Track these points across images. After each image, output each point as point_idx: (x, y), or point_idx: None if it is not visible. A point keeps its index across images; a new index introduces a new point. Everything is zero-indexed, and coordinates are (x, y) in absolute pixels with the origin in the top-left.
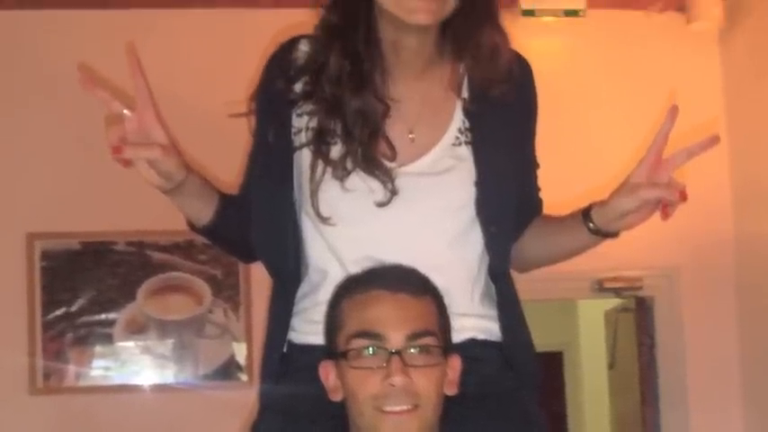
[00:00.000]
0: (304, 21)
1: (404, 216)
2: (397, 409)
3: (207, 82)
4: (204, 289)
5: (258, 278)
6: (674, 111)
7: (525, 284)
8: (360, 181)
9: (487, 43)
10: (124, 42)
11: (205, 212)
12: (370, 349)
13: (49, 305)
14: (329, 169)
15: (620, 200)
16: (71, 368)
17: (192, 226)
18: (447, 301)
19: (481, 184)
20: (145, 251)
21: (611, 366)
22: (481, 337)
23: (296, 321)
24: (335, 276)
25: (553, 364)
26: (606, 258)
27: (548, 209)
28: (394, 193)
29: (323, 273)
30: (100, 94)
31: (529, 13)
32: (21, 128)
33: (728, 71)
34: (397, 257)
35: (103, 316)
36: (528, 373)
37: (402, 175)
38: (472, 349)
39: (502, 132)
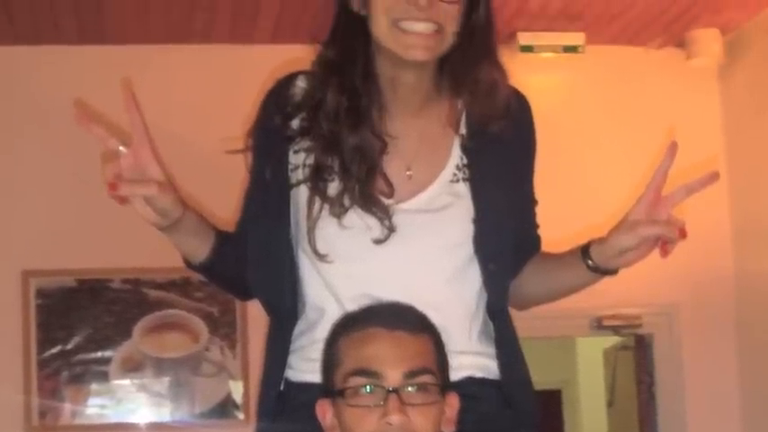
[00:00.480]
0: (301, 57)
1: (401, 253)
2: None
3: (203, 118)
4: (200, 327)
5: (255, 316)
6: (673, 147)
7: (523, 322)
8: (357, 218)
9: (486, 79)
10: (120, 78)
11: (201, 249)
12: (368, 387)
13: (44, 343)
14: (326, 206)
15: (620, 237)
16: (67, 406)
17: (188, 263)
18: (445, 338)
19: (479, 221)
20: (141, 288)
21: (610, 404)
22: (479, 375)
23: (293, 359)
24: (333, 314)
25: (552, 403)
26: (605, 296)
27: (546, 246)
28: (391, 230)
29: (320, 310)
30: (95, 130)
31: (527, 49)
32: (16, 164)
33: (728, 107)
34: (394, 295)
35: (99, 354)
36: (526, 411)
37: (399, 212)
38: (470, 387)
39: (500, 169)
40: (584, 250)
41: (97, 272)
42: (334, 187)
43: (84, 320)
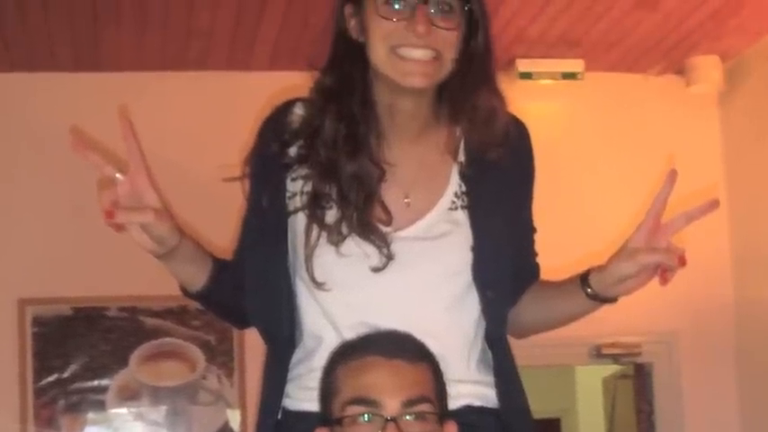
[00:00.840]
0: (299, 84)
1: (399, 281)
2: None
3: (200, 145)
4: (198, 355)
5: (252, 344)
6: (672, 175)
7: (522, 350)
8: (355, 246)
9: (484, 106)
10: (116, 105)
11: (198, 277)
12: (366, 416)
13: (40, 371)
14: (324, 234)
15: (619, 265)
16: None
17: (185, 291)
18: (443, 367)
19: (478, 248)
20: (137, 317)
21: None
22: (477, 403)
23: (290, 388)
24: (330, 342)
25: (551, 431)
26: (604, 324)
27: (545, 274)
28: (389, 258)
29: (318, 339)
30: (92, 157)
31: (526, 76)
32: (12, 192)
33: (728, 135)
34: (392, 323)
35: (96, 382)
36: None
37: (398, 239)
38: (468, 416)
39: (498, 196)
40: (584, 278)
41: (94, 300)
42: (331, 215)
43: (80, 349)
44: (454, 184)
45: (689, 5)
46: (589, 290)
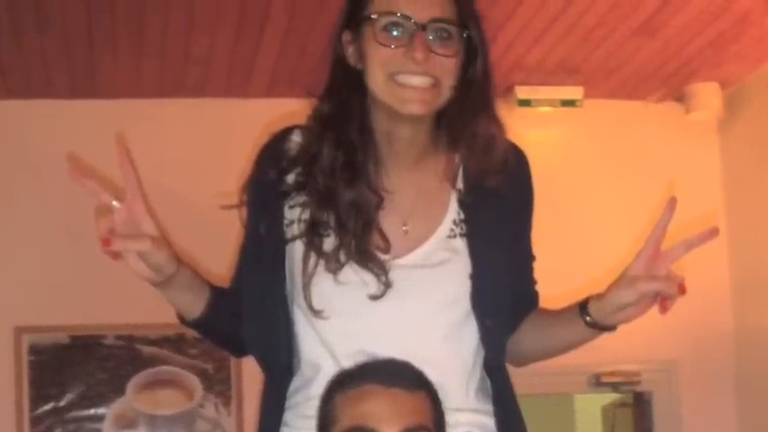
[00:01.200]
0: (296, 111)
1: (398, 309)
2: None
3: (197, 172)
4: (195, 383)
5: (250, 372)
6: (672, 202)
7: (521, 378)
8: (353, 274)
9: (483, 133)
10: (113, 132)
11: (196, 305)
12: None
13: (37, 400)
14: (322, 262)
15: (618, 293)
16: None
17: (182, 319)
18: (441, 395)
19: (476, 276)
20: (134, 345)
21: None
22: None
23: (288, 416)
24: (328, 371)
25: None
26: (603, 352)
27: (544, 302)
28: (388, 286)
29: (315, 367)
30: (88, 185)
31: (525, 103)
32: (8, 219)
33: (728, 162)
34: (390, 351)
35: (92, 411)
36: None
37: (396, 267)
38: None
39: (497, 224)
40: (583, 306)
41: (90, 328)
42: (329, 242)
43: (77, 377)
44: (453, 211)
45: (689, 32)
46: (588, 318)
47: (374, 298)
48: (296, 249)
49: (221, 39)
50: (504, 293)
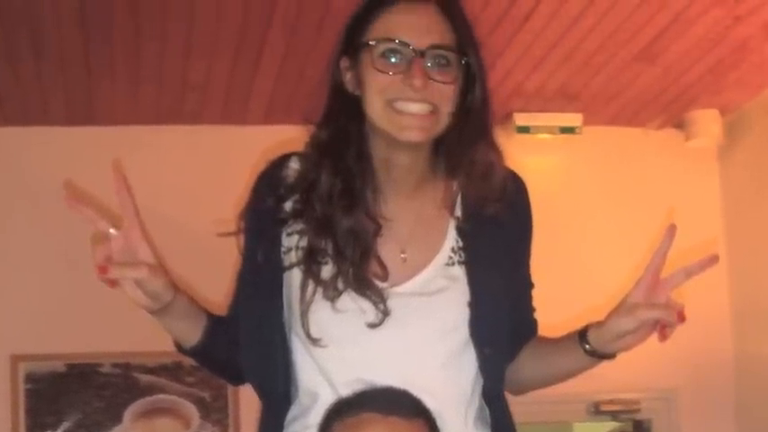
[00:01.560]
0: (294, 138)
1: (396, 337)
2: None
3: (195, 200)
4: (192, 412)
5: (247, 400)
6: (672, 230)
7: (520, 407)
8: (351, 301)
9: (482, 161)
10: (110, 159)
11: (193, 333)
12: None
13: (33, 428)
14: (320, 289)
15: (618, 321)
16: None
17: (179, 347)
18: (440, 423)
19: (475, 304)
20: (131, 373)
21: None
22: None
23: None
24: (326, 399)
25: None
26: (603, 380)
27: (543, 330)
28: (386, 313)
29: (313, 395)
30: (85, 212)
31: (524, 130)
32: (5, 246)
33: (728, 189)
34: (388, 379)
35: None
36: None
37: (394, 295)
38: None
39: (496, 252)
40: (582, 334)
41: (87, 356)
42: (327, 270)
43: (73, 405)
44: (451, 239)
45: (688, 59)
46: (587, 346)
47: (372, 326)
48: (293, 277)
49: (218, 65)
50: (502, 321)
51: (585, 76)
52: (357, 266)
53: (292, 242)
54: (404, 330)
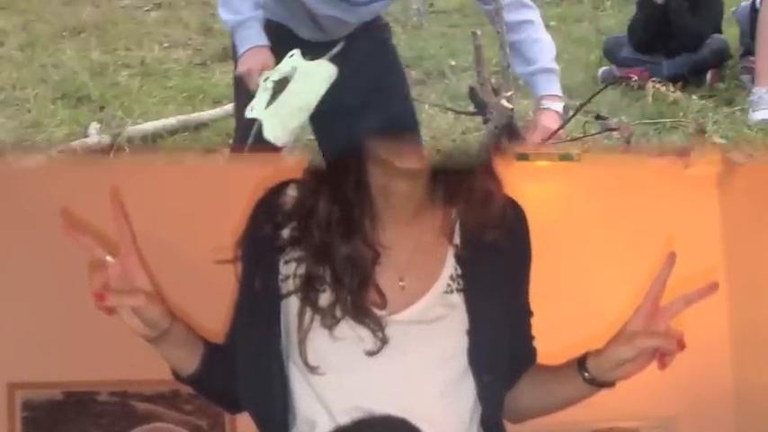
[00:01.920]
0: (292, 165)
1: (394, 365)
2: None
3: (192, 227)
4: None
5: (245, 428)
6: (671, 257)
7: None
8: (349, 329)
9: (480, 188)
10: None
11: (190, 361)
12: None
13: None
14: (317, 317)
15: (617, 349)
16: None
17: (176, 375)
18: None
19: (474, 332)
20: (128, 401)
21: None
22: None
23: None
24: (324, 427)
25: None
26: (602, 408)
27: (542, 358)
28: (384, 341)
29: (311, 423)
30: (82, 240)
31: (523, 157)
32: (0, 274)
33: (727, 216)
34: (387, 408)
35: None
36: None
37: (392, 323)
38: None
39: (495, 279)
40: (581, 362)
41: (84, 384)
42: (325, 298)
43: None
44: (450, 266)
45: None
46: (586, 374)
47: (370, 354)
48: (291, 305)
49: None
50: (501, 349)
51: None
52: (355, 294)
53: (290, 270)
54: (402, 358)
